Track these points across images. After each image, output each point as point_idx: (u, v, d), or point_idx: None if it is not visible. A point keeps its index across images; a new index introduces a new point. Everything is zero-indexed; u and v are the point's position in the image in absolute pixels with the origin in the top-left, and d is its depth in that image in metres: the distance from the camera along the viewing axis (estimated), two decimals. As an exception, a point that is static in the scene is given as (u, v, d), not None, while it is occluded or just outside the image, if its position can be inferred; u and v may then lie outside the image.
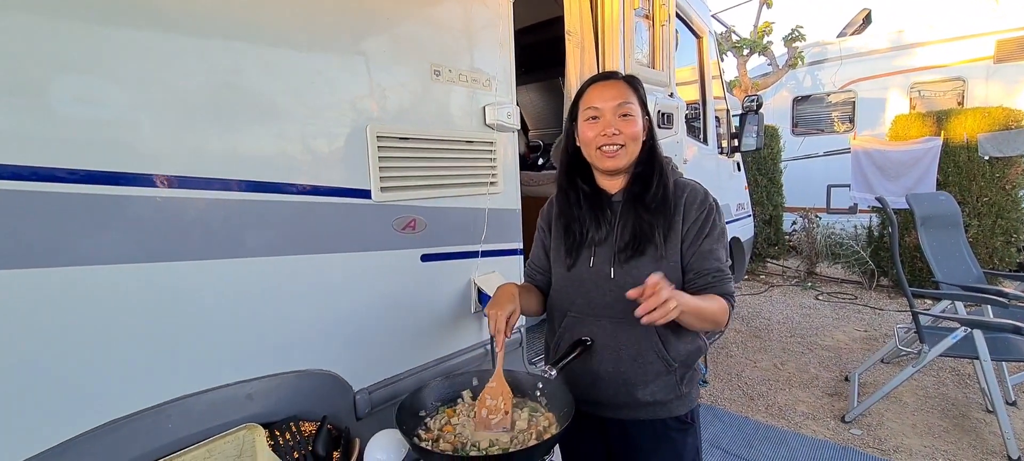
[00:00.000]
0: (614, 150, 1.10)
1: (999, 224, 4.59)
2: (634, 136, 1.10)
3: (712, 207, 1.13)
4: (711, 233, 1.11)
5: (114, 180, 0.95)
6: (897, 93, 6.49)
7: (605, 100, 1.10)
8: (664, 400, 1.15)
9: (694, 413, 1.22)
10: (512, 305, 1.09)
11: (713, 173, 3.67)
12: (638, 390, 1.14)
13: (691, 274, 1.11)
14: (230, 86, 1.10)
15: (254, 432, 1.10)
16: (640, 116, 1.12)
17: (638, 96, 1.14)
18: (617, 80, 1.13)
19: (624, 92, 1.11)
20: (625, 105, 1.10)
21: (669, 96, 2.59)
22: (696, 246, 1.11)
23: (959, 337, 2.48)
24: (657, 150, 1.17)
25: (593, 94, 1.13)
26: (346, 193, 1.31)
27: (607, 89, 1.12)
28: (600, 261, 1.14)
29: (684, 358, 1.14)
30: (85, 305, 0.93)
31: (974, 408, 2.83)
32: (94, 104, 0.93)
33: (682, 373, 1.15)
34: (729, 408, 2.96)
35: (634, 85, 1.14)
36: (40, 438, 0.89)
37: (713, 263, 1.10)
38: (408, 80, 1.44)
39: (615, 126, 1.09)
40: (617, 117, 1.09)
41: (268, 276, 1.18)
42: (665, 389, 1.14)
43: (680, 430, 1.18)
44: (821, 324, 4.36)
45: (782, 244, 6.26)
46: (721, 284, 1.09)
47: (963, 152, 4.65)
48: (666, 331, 1.12)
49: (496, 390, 1.08)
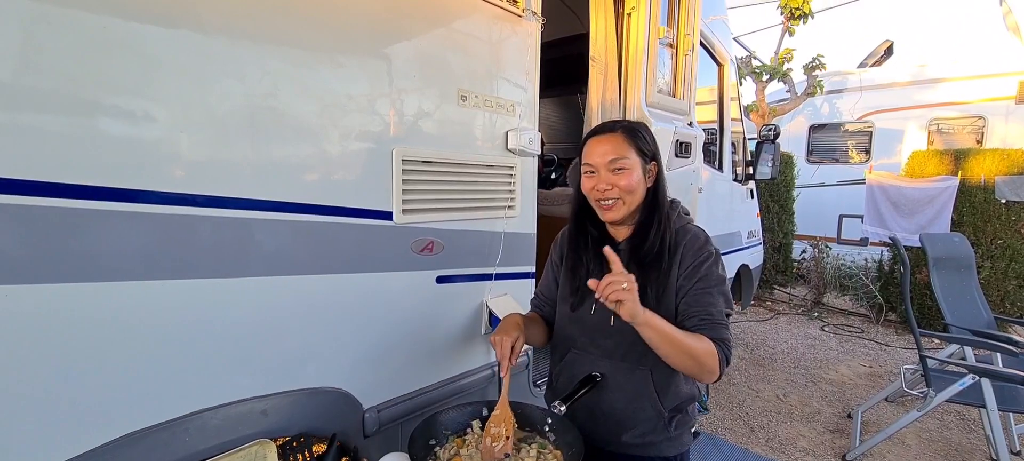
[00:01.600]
0: (609, 203, 1.13)
1: (1012, 267, 4.54)
2: (629, 189, 1.12)
3: (710, 255, 1.13)
4: (705, 279, 1.10)
5: (142, 198, 0.97)
6: (915, 127, 6.45)
7: (599, 155, 1.13)
8: (653, 441, 1.18)
9: (684, 456, 1.23)
10: (517, 332, 1.13)
11: (726, 198, 3.67)
12: (625, 433, 1.17)
13: (681, 318, 1.11)
14: (266, 108, 1.12)
15: (266, 447, 1.12)
16: (638, 166, 1.13)
17: (636, 146, 1.13)
18: (614, 134, 1.14)
19: (619, 146, 1.12)
20: (619, 160, 1.11)
21: (689, 125, 2.60)
22: (686, 289, 1.11)
23: (966, 384, 2.47)
24: (660, 199, 1.16)
25: (589, 149, 1.16)
26: (369, 214, 1.33)
27: (601, 144, 1.14)
28: (601, 308, 1.15)
29: (675, 404, 1.18)
30: (109, 320, 0.96)
31: (978, 455, 2.81)
32: (130, 123, 0.95)
33: (671, 417, 1.17)
34: (729, 438, 2.95)
35: (633, 135, 1.14)
36: (65, 448, 0.92)
37: (703, 308, 1.09)
38: (435, 105, 1.46)
39: (608, 181, 1.12)
40: (610, 172, 1.12)
41: (287, 295, 1.20)
42: (654, 431, 1.17)
43: None
44: (826, 356, 4.34)
45: (790, 272, 6.22)
46: (710, 329, 1.07)
47: (980, 193, 4.62)
48: (662, 379, 1.15)
49: (499, 417, 1.11)
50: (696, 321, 1.09)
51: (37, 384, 0.89)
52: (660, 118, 2.33)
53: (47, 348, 0.90)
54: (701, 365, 1.03)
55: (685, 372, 1.10)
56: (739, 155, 3.87)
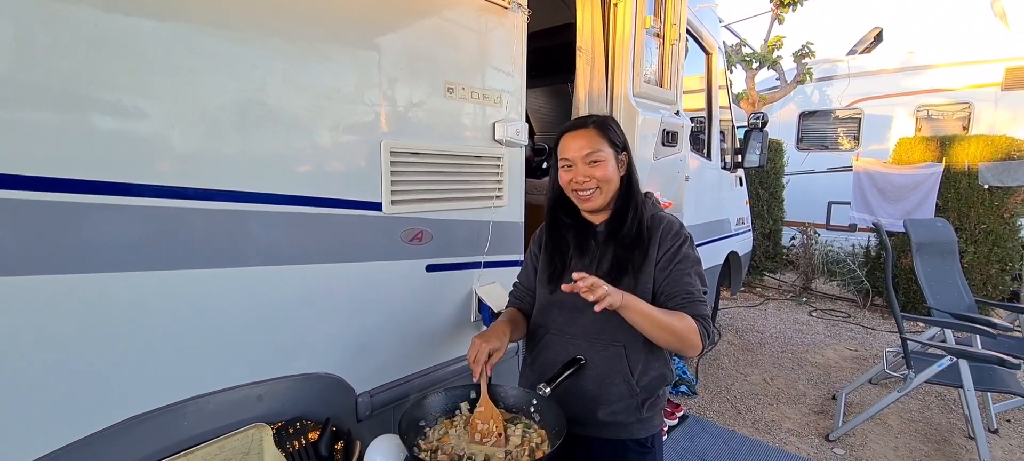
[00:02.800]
0: (588, 194, 1.20)
1: (995, 252, 4.63)
2: (605, 179, 1.19)
3: (686, 239, 1.21)
4: (683, 262, 1.18)
5: (135, 191, 1.00)
6: (903, 113, 6.51)
7: (574, 150, 1.20)
8: (624, 422, 1.22)
9: (655, 438, 1.27)
10: (499, 342, 1.17)
11: (714, 186, 3.71)
12: (599, 409, 1.21)
13: (662, 297, 1.18)
14: (255, 102, 1.15)
15: (262, 431, 1.17)
16: (612, 158, 1.20)
17: (608, 139, 1.20)
18: (587, 129, 1.21)
19: (592, 140, 1.19)
20: (593, 154, 1.18)
21: (676, 114, 2.64)
22: (666, 272, 1.18)
23: (945, 365, 2.54)
24: (634, 187, 1.25)
25: (564, 144, 1.22)
26: (359, 205, 1.36)
27: (576, 139, 1.20)
28: None
29: (647, 384, 1.21)
30: (110, 309, 0.99)
31: (957, 434, 2.90)
32: (122, 118, 0.98)
33: (644, 398, 1.22)
34: (716, 421, 3.02)
35: (604, 129, 1.21)
36: (67, 431, 0.96)
37: (682, 287, 1.16)
38: (423, 97, 1.49)
39: (585, 173, 1.19)
40: (586, 165, 1.18)
41: (281, 284, 1.24)
42: (626, 411, 1.21)
43: (639, 453, 1.24)
44: (813, 341, 4.42)
45: (780, 258, 6.31)
46: (691, 306, 1.14)
47: (964, 178, 4.69)
48: (635, 356, 1.20)
49: (486, 415, 1.13)
50: (678, 301, 1.16)
51: (38, 372, 0.93)
52: (647, 108, 2.36)
53: (46, 337, 0.93)
54: (682, 339, 1.10)
55: (668, 347, 1.17)
56: (728, 143, 3.92)
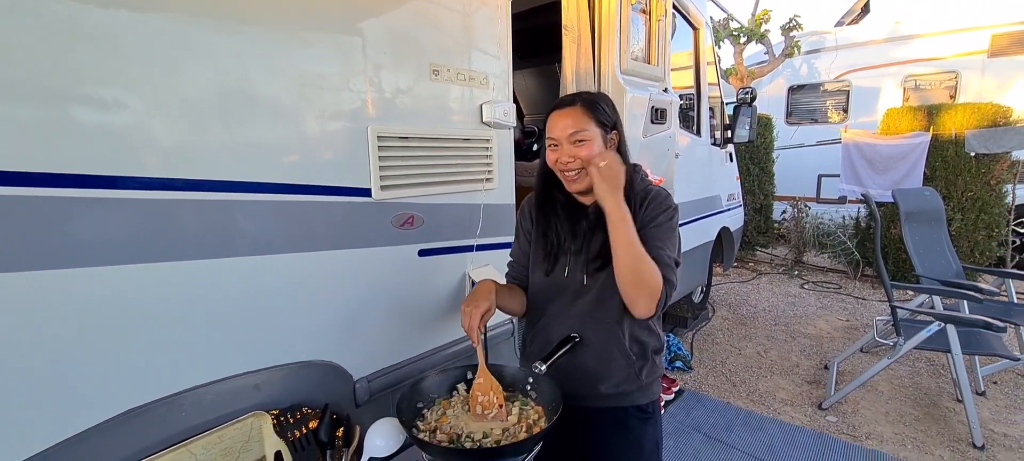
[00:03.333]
0: (573, 174, 1.18)
1: (982, 218, 4.69)
2: (590, 159, 1.15)
3: (670, 208, 1.20)
4: (660, 226, 1.17)
5: (121, 184, 0.99)
6: (891, 84, 6.53)
7: (560, 129, 1.17)
8: (626, 391, 1.24)
9: (655, 404, 1.30)
10: (487, 303, 1.14)
11: (705, 163, 3.72)
12: (601, 384, 1.23)
13: None
14: (237, 91, 1.13)
15: (261, 419, 1.18)
16: (598, 137, 1.17)
17: (596, 118, 1.17)
18: (573, 108, 1.18)
19: (579, 119, 1.16)
20: (579, 133, 1.15)
21: (664, 91, 2.63)
22: (644, 233, 1.14)
23: (934, 331, 2.59)
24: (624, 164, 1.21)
25: (551, 123, 1.20)
26: (348, 192, 1.36)
27: (562, 119, 1.18)
28: (574, 269, 1.23)
29: (643, 352, 1.24)
30: (101, 303, 0.99)
31: (945, 398, 2.96)
32: (103, 110, 0.97)
33: (641, 365, 1.24)
34: (712, 394, 3.07)
35: (592, 107, 1.18)
36: (65, 426, 0.96)
37: (655, 249, 1.13)
38: (408, 81, 1.48)
39: (570, 154, 1.16)
40: (572, 145, 1.16)
41: (274, 273, 1.24)
42: (626, 381, 1.23)
43: (640, 419, 1.27)
44: (805, 313, 4.49)
45: (771, 233, 6.36)
46: (659, 262, 1.12)
47: (951, 147, 4.73)
48: (632, 331, 1.22)
49: (485, 386, 1.13)
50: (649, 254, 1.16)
51: (30, 369, 0.93)
52: (635, 85, 2.36)
53: (37, 333, 0.93)
54: (642, 282, 1.09)
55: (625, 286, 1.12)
56: (717, 119, 3.92)
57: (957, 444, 2.50)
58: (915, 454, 2.44)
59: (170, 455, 1.04)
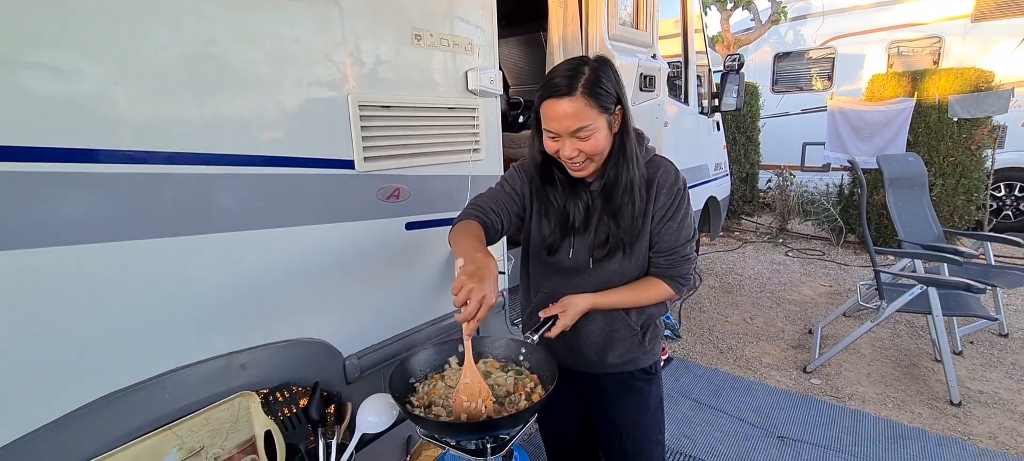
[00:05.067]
0: (577, 166, 1.09)
1: (962, 183, 4.77)
2: (596, 150, 1.06)
3: (681, 190, 1.16)
4: (675, 217, 1.15)
5: (96, 157, 0.93)
6: (876, 50, 6.54)
7: (558, 124, 1.04)
8: (632, 357, 1.27)
9: (656, 365, 1.33)
10: (494, 290, 0.93)
11: (692, 133, 3.70)
12: (609, 354, 1.26)
13: (651, 252, 1.19)
14: (209, 57, 1.07)
15: (248, 399, 1.14)
16: (603, 125, 1.05)
17: (599, 104, 1.03)
18: (573, 99, 1.01)
19: (580, 112, 1.01)
20: (581, 130, 1.03)
21: (652, 57, 2.58)
22: (660, 228, 1.16)
23: (916, 294, 2.64)
24: (627, 144, 1.12)
25: (548, 113, 1.05)
26: (330, 164, 1.30)
27: (560, 110, 1.02)
28: (580, 250, 1.19)
29: (644, 320, 1.26)
30: (80, 283, 0.94)
31: (924, 358, 3.05)
32: (61, 79, 0.90)
33: (644, 332, 1.26)
34: (700, 361, 3.12)
35: (594, 95, 1.02)
36: (43, 412, 0.92)
37: (671, 246, 1.16)
38: (389, 46, 1.41)
39: (573, 147, 1.05)
40: (575, 139, 1.04)
41: (255, 249, 1.19)
42: (632, 348, 1.26)
43: (645, 380, 1.30)
44: (790, 280, 4.56)
45: (757, 201, 6.41)
46: (672, 267, 1.17)
47: (934, 112, 4.77)
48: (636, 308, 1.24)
49: (473, 389, 0.99)
50: (661, 258, 1.17)
51: (15, 350, 0.89)
52: (623, 51, 2.31)
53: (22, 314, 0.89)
54: (656, 303, 1.21)
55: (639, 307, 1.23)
56: (705, 87, 3.89)
57: (935, 402, 2.58)
58: (895, 412, 2.51)
59: (155, 438, 1.01)
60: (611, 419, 1.32)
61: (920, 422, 2.42)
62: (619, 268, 1.18)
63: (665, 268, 1.18)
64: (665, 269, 1.18)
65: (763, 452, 2.23)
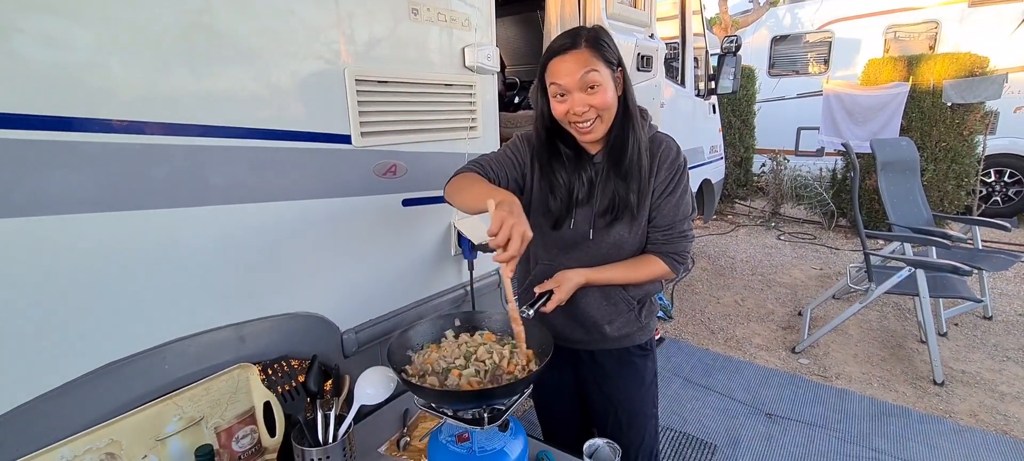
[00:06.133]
0: (588, 125, 1.08)
1: (953, 169, 4.82)
2: (605, 105, 1.06)
3: (681, 166, 1.17)
4: (674, 192, 1.16)
5: (94, 127, 0.93)
6: (873, 35, 6.52)
7: (567, 75, 1.03)
8: (628, 332, 1.29)
9: (652, 340, 1.36)
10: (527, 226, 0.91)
11: (689, 115, 3.71)
12: (607, 327, 1.27)
13: (650, 228, 1.20)
14: (202, 27, 1.05)
15: (248, 371, 1.16)
16: (609, 79, 1.05)
17: (603, 56, 1.04)
18: (578, 51, 1.03)
19: (587, 61, 1.02)
20: (590, 75, 1.02)
21: (650, 37, 2.57)
22: (659, 203, 1.17)
23: (904, 276, 2.69)
24: (631, 109, 1.13)
25: (554, 69, 1.06)
26: (327, 138, 1.30)
27: (566, 63, 1.03)
28: (580, 221, 1.19)
29: (641, 296, 1.28)
30: (79, 253, 0.94)
31: (910, 339, 3.12)
32: (53, 46, 0.89)
33: (640, 308, 1.29)
34: (691, 341, 3.17)
35: (597, 46, 1.04)
36: (43, 380, 0.93)
37: (669, 221, 1.17)
38: (385, 20, 1.40)
39: (583, 102, 1.04)
40: (584, 92, 1.04)
41: (253, 223, 1.19)
42: (628, 323, 1.28)
43: (641, 356, 1.33)
44: (781, 262, 4.61)
45: (750, 185, 6.45)
46: (669, 243, 1.18)
47: (928, 97, 4.79)
48: None
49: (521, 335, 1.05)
50: (659, 234, 1.18)
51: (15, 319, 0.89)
52: (621, 30, 2.30)
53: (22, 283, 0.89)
54: (653, 280, 1.22)
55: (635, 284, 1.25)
56: (701, 70, 3.88)
57: (919, 381, 2.64)
58: (880, 391, 2.58)
59: (156, 407, 1.02)
60: (607, 394, 1.35)
61: (904, 401, 2.49)
62: (618, 239, 1.18)
63: (663, 244, 1.18)
64: (662, 245, 1.18)
65: (751, 429, 2.29)
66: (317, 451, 1.01)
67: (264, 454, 1.16)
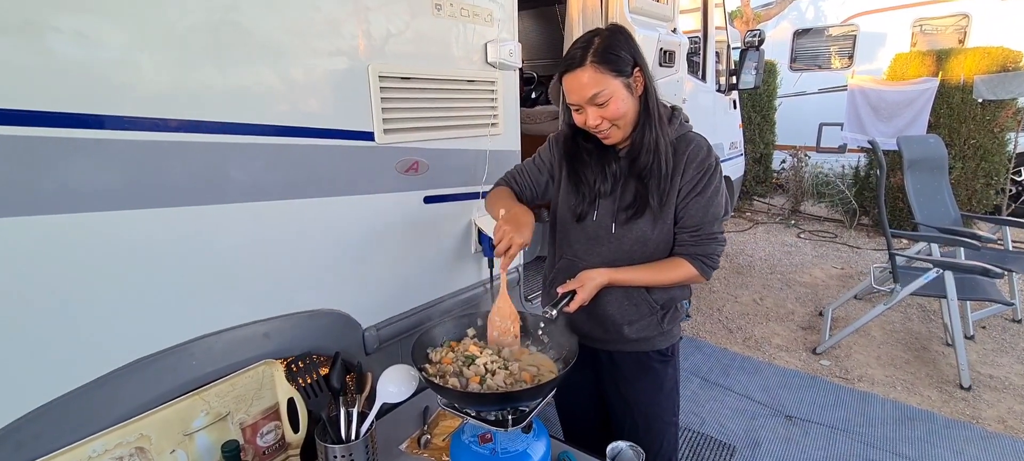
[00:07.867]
0: (605, 133, 1.13)
1: (982, 167, 4.68)
2: (617, 115, 1.09)
3: (711, 166, 1.15)
4: (704, 192, 1.14)
5: (124, 125, 0.94)
6: (900, 28, 6.33)
7: (577, 94, 1.09)
8: (648, 336, 1.27)
9: (674, 347, 1.33)
10: (528, 235, 1.07)
11: (709, 111, 3.64)
12: (625, 328, 1.25)
13: (677, 228, 1.18)
14: (229, 24, 1.06)
15: (273, 367, 1.17)
16: (620, 89, 1.08)
17: (612, 68, 1.06)
18: (583, 68, 1.06)
19: (594, 79, 1.06)
20: (598, 96, 1.06)
21: (672, 31, 2.53)
22: (687, 202, 1.15)
23: (931, 278, 2.62)
24: (651, 106, 1.13)
25: (566, 85, 1.11)
26: (350, 135, 1.30)
27: (576, 81, 1.08)
28: (603, 214, 1.20)
29: (665, 300, 1.25)
30: (111, 250, 0.96)
31: (935, 342, 3.04)
32: (85, 44, 0.90)
33: (663, 313, 1.26)
34: (709, 340, 3.14)
35: (605, 59, 1.06)
36: (75, 376, 0.95)
37: (697, 222, 1.15)
38: (408, 16, 1.39)
39: (595, 116, 1.09)
40: (595, 107, 1.08)
41: (278, 219, 1.20)
42: (649, 327, 1.25)
43: (661, 362, 1.31)
44: (801, 261, 4.53)
45: (769, 182, 6.34)
46: (697, 245, 1.16)
47: (958, 93, 4.65)
48: None
49: (504, 310, 1.12)
50: (687, 235, 1.17)
51: (31, 317, 0.90)
52: (643, 25, 2.26)
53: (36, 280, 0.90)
54: (681, 284, 1.21)
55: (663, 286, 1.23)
56: (723, 64, 3.80)
57: (945, 385, 2.58)
58: (904, 394, 2.52)
59: (185, 402, 1.03)
60: (623, 396, 1.34)
61: (929, 405, 2.43)
62: (641, 235, 1.16)
63: (690, 245, 1.16)
64: (691, 246, 1.16)
65: (771, 430, 2.26)
66: (340, 448, 1.01)
67: (287, 450, 1.17)
